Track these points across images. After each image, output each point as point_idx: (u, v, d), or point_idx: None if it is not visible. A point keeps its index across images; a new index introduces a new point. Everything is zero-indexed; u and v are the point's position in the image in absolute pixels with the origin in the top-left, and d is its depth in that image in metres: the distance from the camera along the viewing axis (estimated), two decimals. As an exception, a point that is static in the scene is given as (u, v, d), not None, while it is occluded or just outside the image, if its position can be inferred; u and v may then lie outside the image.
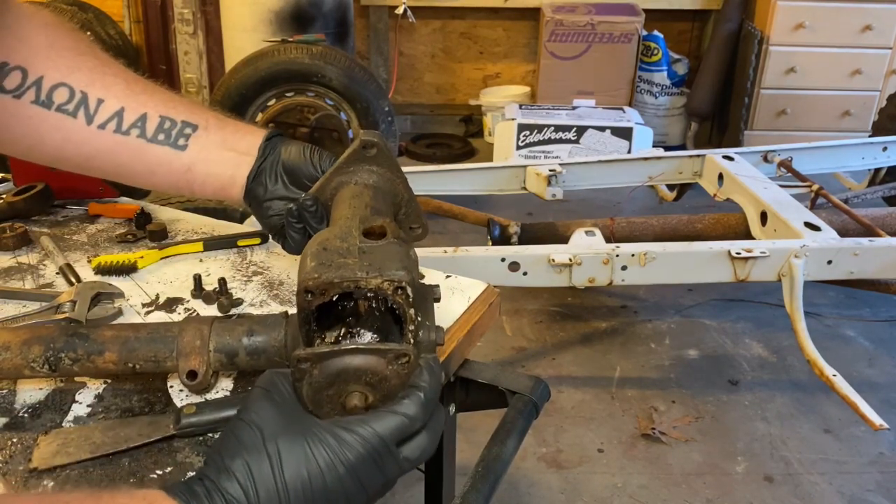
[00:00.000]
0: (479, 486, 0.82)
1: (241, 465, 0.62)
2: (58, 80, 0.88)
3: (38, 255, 1.14)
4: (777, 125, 4.16)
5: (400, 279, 0.70)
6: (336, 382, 0.68)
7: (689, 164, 2.89)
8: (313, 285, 0.70)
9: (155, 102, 0.92)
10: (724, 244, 2.19)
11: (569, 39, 4.16)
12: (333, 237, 0.76)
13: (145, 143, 0.91)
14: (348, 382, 0.68)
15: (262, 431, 0.64)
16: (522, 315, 2.90)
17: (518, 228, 2.57)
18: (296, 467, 0.62)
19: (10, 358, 0.80)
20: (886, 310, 2.95)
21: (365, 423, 0.65)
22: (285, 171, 0.95)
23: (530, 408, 0.94)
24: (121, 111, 0.90)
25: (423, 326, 0.76)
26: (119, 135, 0.91)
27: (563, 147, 3.75)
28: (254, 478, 0.61)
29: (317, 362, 0.68)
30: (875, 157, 3.08)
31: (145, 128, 0.91)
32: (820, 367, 2.07)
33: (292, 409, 0.68)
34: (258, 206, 0.97)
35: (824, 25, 3.94)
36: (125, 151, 0.92)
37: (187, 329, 0.82)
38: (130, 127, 0.91)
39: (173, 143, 0.92)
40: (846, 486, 2.12)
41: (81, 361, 0.80)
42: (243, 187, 0.95)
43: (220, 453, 0.64)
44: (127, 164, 0.93)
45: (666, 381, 2.55)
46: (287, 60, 3.14)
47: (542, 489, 2.10)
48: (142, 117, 0.91)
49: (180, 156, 0.93)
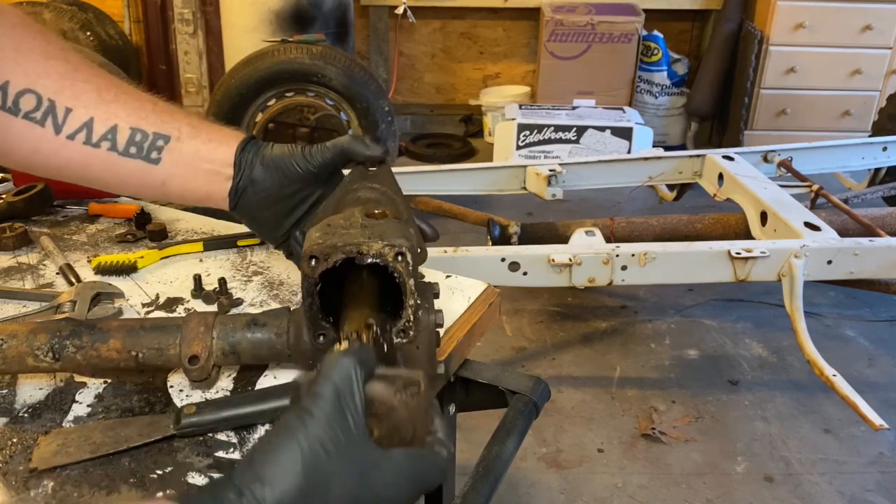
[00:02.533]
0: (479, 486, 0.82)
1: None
2: (24, 86, 0.85)
3: (38, 255, 1.14)
4: (777, 125, 4.16)
5: (400, 245, 0.73)
6: None
7: (689, 164, 2.89)
8: (317, 250, 0.73)
9: (126, 112, 0.89)
10: (724, 244, 2.19)
11: (569, 39, 4.16)
12: (337, 218, 0.79)
13: (117, 156, 0.88)
14: None
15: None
16: (522, 315, 2.90)
17: (518, 228, 2.57)
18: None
19: (15, 345, 0.80)
20: (886, 310, 2.95)
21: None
22: (273, 174, 0.92)
23: (530, 408, 0.94)
24: (90, 122, 0.87)
25: (422, 308, 0.77)
26: (89, 147, 0.87)
27: (563, 147, 3.75)
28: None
29: None
30: (875, 157, 3.08)
31: (116, 140, 0.88)
32: (820, 367, 2.07)
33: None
34: (252, 223, 0.96)
35: (824, 25, 3.94)
36: (97, 163, 0.89)
37: (192, 318, 0.83)
38: (101, 139, 0.87)
39: (146, 157, 0.89)
40: (846, 486, 2.12)
41: (85, 349, 0.81)
42: (226, 202, 0.93)
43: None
44: (100, 176, 0.91)
45: (666, 381, 2.55)
46: (287, 60, 3.14)
47: (542, 489, 2.10)
48: (112, 129, 0.88)
49: (154, 170, 0.90)
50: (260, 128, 3.27)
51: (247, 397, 0.83)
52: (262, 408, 0.81)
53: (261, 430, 0.81)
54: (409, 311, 0.75)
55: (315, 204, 0.96)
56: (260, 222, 0.95)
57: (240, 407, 0.81)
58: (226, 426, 0.80)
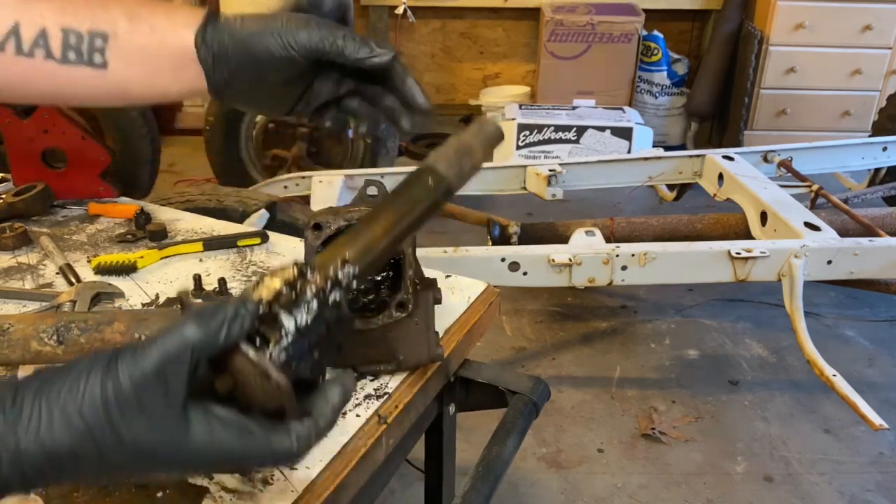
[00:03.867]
0: (479, 486, 0.82)
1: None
2: None
3: (37, 255, 1.14)
4: (777, 125, 4.16)
5: None
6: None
7: (689, 164, 2.89)
8: (320, 217, 0.74)
9: (53, 11, 0.76)
10: (724, 244, 2.19)
11: (569, 39, 4.16)
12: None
13: (56, 65, 0.77)
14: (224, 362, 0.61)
15: None
16: (522, 315, 2.90)
17: (518, 228, 2.57)
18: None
19: (21, 329, 0.81)
20: (886, 310, 2.95)
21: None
22: (252, 59, 0.77)
23: (530, 408, 0.94)
24: (16, 27, 0.75)
25: (422, 283, 0.77)
26: (23, 57, 0.76)
27: (563, 147, 3.75)
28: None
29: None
30: (875, 157, 3.08)
31: (49, 46, 0.76)
32: (820, 367, 2.07)
33: None
34: (249, 107, 0.85)
35: (824, 25, 3.93)
36: (38, 77, 0.77)
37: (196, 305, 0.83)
38: (32, 47, 0.76)
39: (89, 62, 0.77)
40: (846, 486, 2.12)
41: (90, 332, 0.80)
42: (205, 94, 0.80)
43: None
44: (49, 90, 0.79)
45: (666, 381, 2.55)
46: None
47: (542, 489, 2.10)
48: (41, 34, 0.75)
49: (105, 76, 0.78)
50: (260, 128, 3.27)
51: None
52: (261, 408, 0.81)
53: (261, 430, 0.80)
54: (408, 282, 0.74)
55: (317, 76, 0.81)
56: (257, 104, 0.83)
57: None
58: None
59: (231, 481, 0.74)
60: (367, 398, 0.85)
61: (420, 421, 0.94)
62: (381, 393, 0.86)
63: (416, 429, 0.96)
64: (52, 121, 1.26)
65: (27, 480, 0.53)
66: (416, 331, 0.82)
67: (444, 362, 0.91)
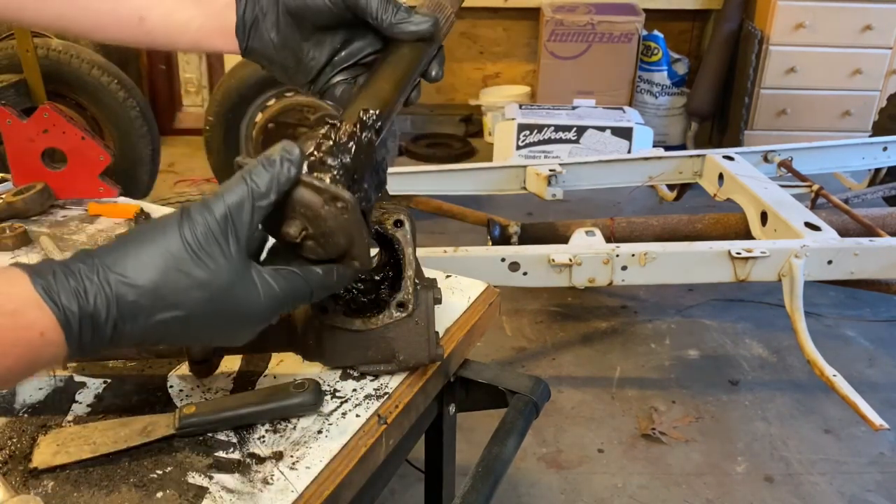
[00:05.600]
0: (479, 486, 0.82)
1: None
2: None
3: (37, 255, 1.14)
4: (777, 125, 4.16)
5: (399, 212, 0.78)
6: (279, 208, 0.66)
7: (689, 164, 2.89)
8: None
9: None
10: (725, 244, 2.19)
11: (569, 39, 4.16)
12: None
13: None
14: (291, 210, 0.66)
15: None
16: (522, 315, 2.90)
17: (518, 228, 2.57)
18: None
19: None
20: (887, 310, 2.95)
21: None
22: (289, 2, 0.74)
23: (530, 408, 0.94)
24: None
25: (422, 283, 0.79)
26: None
27: (563, 147, 3.75)
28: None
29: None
30: (875, 157, 3.08)
31: None
32: (820, 367, 2.07)
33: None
34: (270, 66, 0.81)
35: (824, 25, 3.93)
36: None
37: None
38: None
39: None
40: (846, 486, 2.12)
41: None
42: (227, 41, 0.77)
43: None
44: (63, 12, 0.76)
45: (666, 381, 2.55)
46: (287, 60, 3.14)
47: (542, 489, 2.10)
48: None
49: (124, 2, 0.76)
50: (260, 128, 3.27)
51: (246, 397, 0.83)
52: (261, 408, 0.81)
53: (261, 430, 0.81)
54: (408, 282, 0.74)
55: (348, 41, 0.78)
56: (281, 61, 0.79)
57: (239, 407, 0.81)
58: (225, 426, 0.80)
59: (231, 481, 0.74)
60: (367, 398, 0.85)
61: (420, 421, 0.94)
62: (381, 393, 0.86)
63: (416, 429, 0.95)
64: (52, 121, 1.26)
65: (117, 322, 0.58)
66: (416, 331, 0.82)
67: (444, 362, 0.91)
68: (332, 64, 0.79)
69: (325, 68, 0.79)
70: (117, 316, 0.58)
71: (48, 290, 0.56)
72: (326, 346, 0.84)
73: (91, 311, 0.56)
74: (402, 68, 0.76)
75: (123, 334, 0.59)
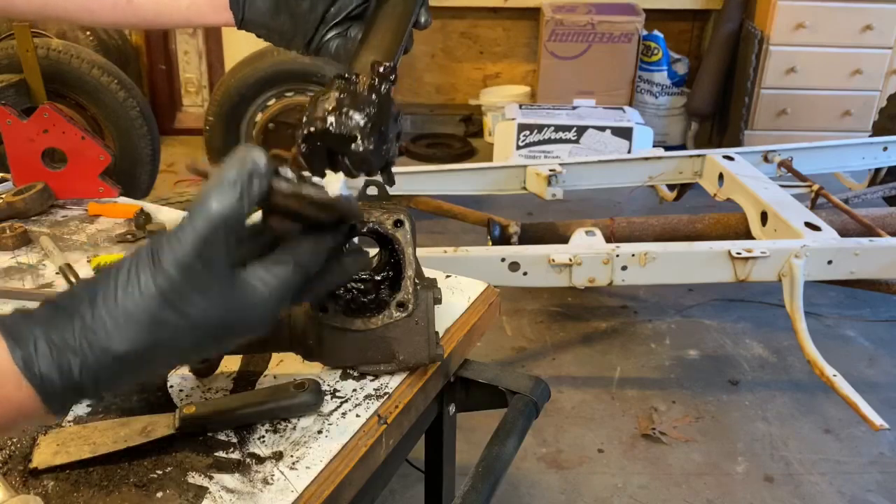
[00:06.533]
0: (479, 486, 0.82)
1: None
2: None
3: (37, 255, 1.14)
4: (777, 125, 4.16)
5: (398, 212, 0.78)
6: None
7: (689, 164, 2.89)
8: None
9: None
10: (725, 244, 2.19)
11: (569, 39, 4.16)
12: None
13: None
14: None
15: None
16: (522, 315, 2.90)
17: (518, 228, 2.57)
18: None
19: None
20: (887, 310, 2.95)
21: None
22: None
23: (530, 408, 0.94)
24: None
25: (421, 283, 0.79)
26: None
27: (563, 147, 3.75)
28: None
29: None
30: (875, 157, 3.08)
31: None
32: (820, 367, 2.07)
33: None
34: (268, 35, 0.81)
35: (824, 25, 3.93)
36: None
37: None
38: None
39: None
40: (846, 486, 2.12)
41: None
42: (221, 14, 0.77)
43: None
44: (51, 1, 0.76)
45: (666, 381, 2.55)
46: (287, 60, 3.14)
47: (542, 489, 2.10)
48: None
49: None
50: (260, 128, 3.27)
51: (246, 397, 0.83)
52: (261, 408, 0.81)
53: (261, 430, 0.81)
54: (408, 282, 0.74)
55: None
56: (277, 31, 0.80)
57: (239, 407, 0.81)
58: (225, 426, 0.80)
59: (231, 481, 0.74)
60: (367, 398, 0.85)
61: (420, 421, 0.94)
62: (381, 393, 0.86)
63: (416, 429, 0.95)
64: (52, 121, 1.26)
65: (101, 385, 0.54)
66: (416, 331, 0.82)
67: (444, 362, 0.91)
68: (324, 21, 0.80)
69: (319, 26, 0.80)
70: (103, 382, 0.55)
71: (28, 363, 0.52)
72: (326, 346, 0.84)
73: (75, 382, 0.53)
74: (398, 17, 0.77)
75: (111, 390, 0.58)
